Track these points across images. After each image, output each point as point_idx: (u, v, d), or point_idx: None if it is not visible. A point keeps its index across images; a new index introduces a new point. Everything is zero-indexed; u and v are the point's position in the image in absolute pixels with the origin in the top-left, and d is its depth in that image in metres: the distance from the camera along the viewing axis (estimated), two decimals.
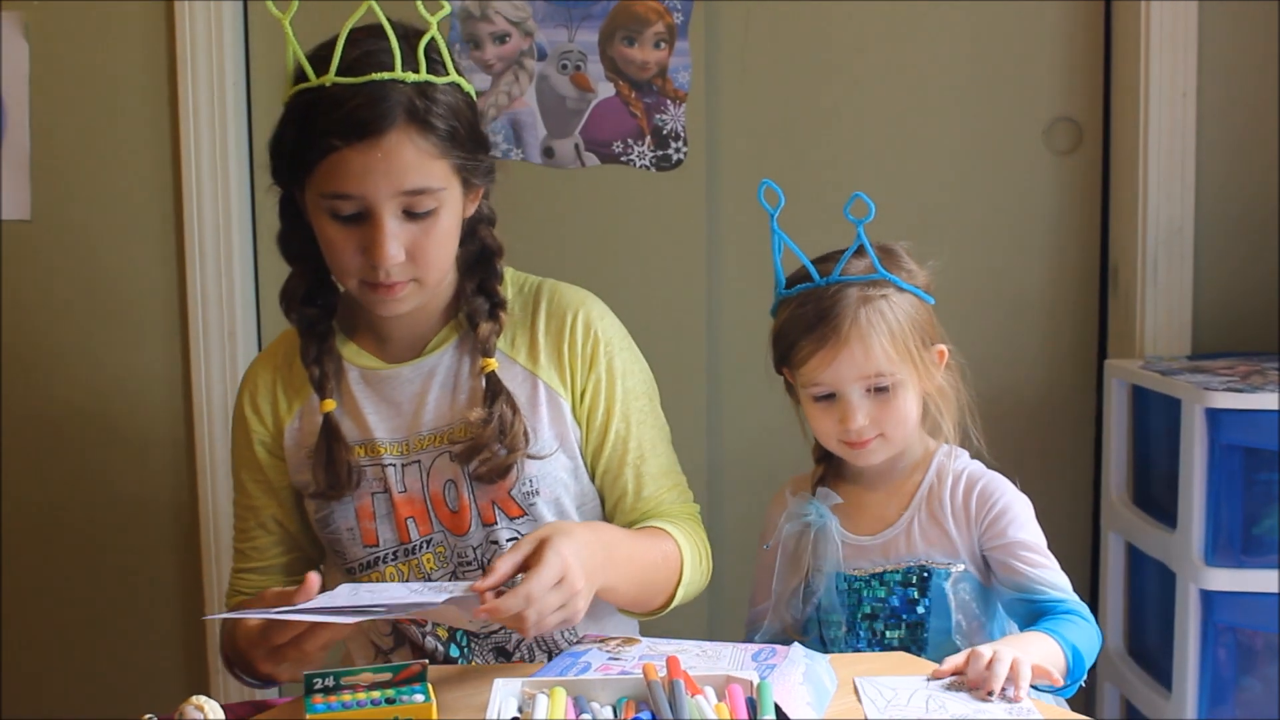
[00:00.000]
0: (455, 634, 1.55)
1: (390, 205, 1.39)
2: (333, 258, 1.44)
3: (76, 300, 2.30)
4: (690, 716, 1.12)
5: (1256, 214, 2.28)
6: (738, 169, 2.32)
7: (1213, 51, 2.23)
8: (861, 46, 2.31)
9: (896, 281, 1.51)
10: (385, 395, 1.53)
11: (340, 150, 1.36)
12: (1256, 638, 1.97)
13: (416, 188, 1.39)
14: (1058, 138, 2.34)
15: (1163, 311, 2.24)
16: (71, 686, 2.36)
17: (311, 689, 1.10)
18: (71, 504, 2.33)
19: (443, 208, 1.42)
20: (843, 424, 1.50)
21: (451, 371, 1.54)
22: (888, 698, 1.27)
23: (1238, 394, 1.88)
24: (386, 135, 1.37)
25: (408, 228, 1.40)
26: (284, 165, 1.45)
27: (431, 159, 1.40)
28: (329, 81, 1.37)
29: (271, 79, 2.28)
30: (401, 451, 1.53)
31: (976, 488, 1.51)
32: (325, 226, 1.42)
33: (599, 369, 1.55)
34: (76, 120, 2.26)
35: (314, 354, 1.52)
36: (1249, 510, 1.93)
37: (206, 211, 2.24)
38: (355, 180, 1.37)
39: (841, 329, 1.48)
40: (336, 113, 1.36)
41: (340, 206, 1.39)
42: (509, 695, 1.21)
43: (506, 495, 1.51)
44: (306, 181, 1.41)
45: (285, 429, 1.55)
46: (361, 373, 1.54)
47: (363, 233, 1.40)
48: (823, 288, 1.51)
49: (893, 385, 1.49)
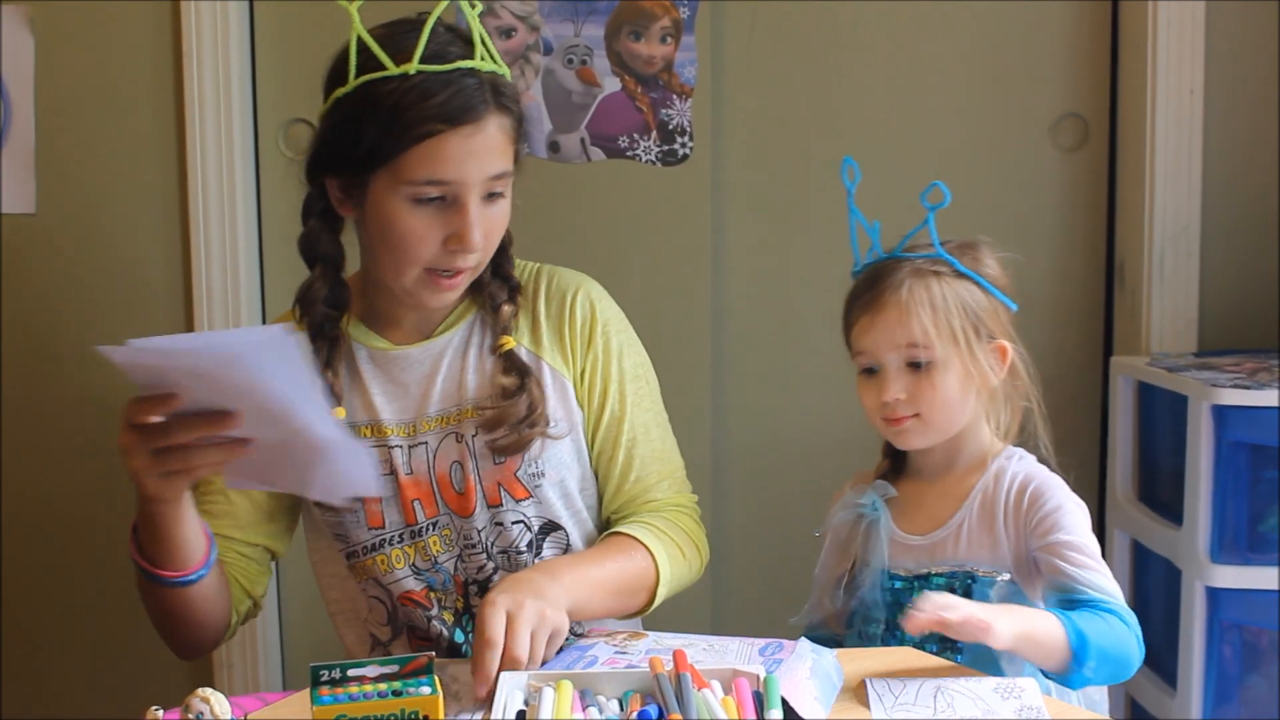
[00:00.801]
0: (461, 618, 1.56)
1: (478, 190, 1.42)
2: (404, 247, 1.43)
3: (80, 294, 2.30)
4: (697, 710, 1.12)
5: (1263, 211, 2.27)
6: (743, 164, 2.32)
7: (1219, 49, 2.23)
8: (867, 42, 2.30)
9: (954, 264, 1.51)
10: (393, 376, 1.55)
11: (439, 135, 1.39)
12: (1262, 635, 1.97)
13: (500, 172, 1.44)
14: (1064, 134, 2.33)
15: (1169, 308, 2.24)
16: (73, 680, 2.35)
17: (318, 681, 1.10)
18: (72, 497, 2.32)
19: (508, 190, 1.48)
20: (879, 396, 1.50)
21: (459, 353, 1.55)
22: (896, 693, 1.27)
23: (1244, 391, 1.88)
24: (485, 120, 1.41)
25: (484, 212, 1.44)
26: (352, 154, 1.43)
27: (510, 144, 1.45)
28: (413, 70, 1.39)
29: (277, 73, 2.28)
30: (407, 433, 1.53)
31: (1030, 487, 1.48)
32: (402, 215, 1.42)
33: (596, 347, 1.58)
34: (82, 114, 2.26)
35: (326, 357, 1.52)
36: (1255, 507, 1.93)
37: (212, 206, 2.23)
38: (453, 165, 1.40)
39: (883, 295, 1.49)
40: (433, 99, 1.38)
41: (428, 192, 1.41)
42: (515, 688, 1.21)
43: (513, 476, 1.53)
44: (384, 170, 1.41)
45: None
46: (370, 353, 1.55)
47: (445, 219, 1.42)
48: (883, 261, 1.53)
49: (931, 363, 1.48)
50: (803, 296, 2.34)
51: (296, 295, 1.55)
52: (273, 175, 2.30)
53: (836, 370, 2.31)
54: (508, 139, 1.45)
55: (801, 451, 2.33)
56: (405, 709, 1.07)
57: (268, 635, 2.31)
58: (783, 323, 2.35)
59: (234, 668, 2.28)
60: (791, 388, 2.35)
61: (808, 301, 2.34)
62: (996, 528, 1.47)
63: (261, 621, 2.29)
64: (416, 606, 1.55)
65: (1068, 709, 1.34)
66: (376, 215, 1.44)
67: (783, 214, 2.33)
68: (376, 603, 1.57)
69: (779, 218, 2.33)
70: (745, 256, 2.33)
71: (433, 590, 1.55)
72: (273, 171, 2.30)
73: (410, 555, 1.54)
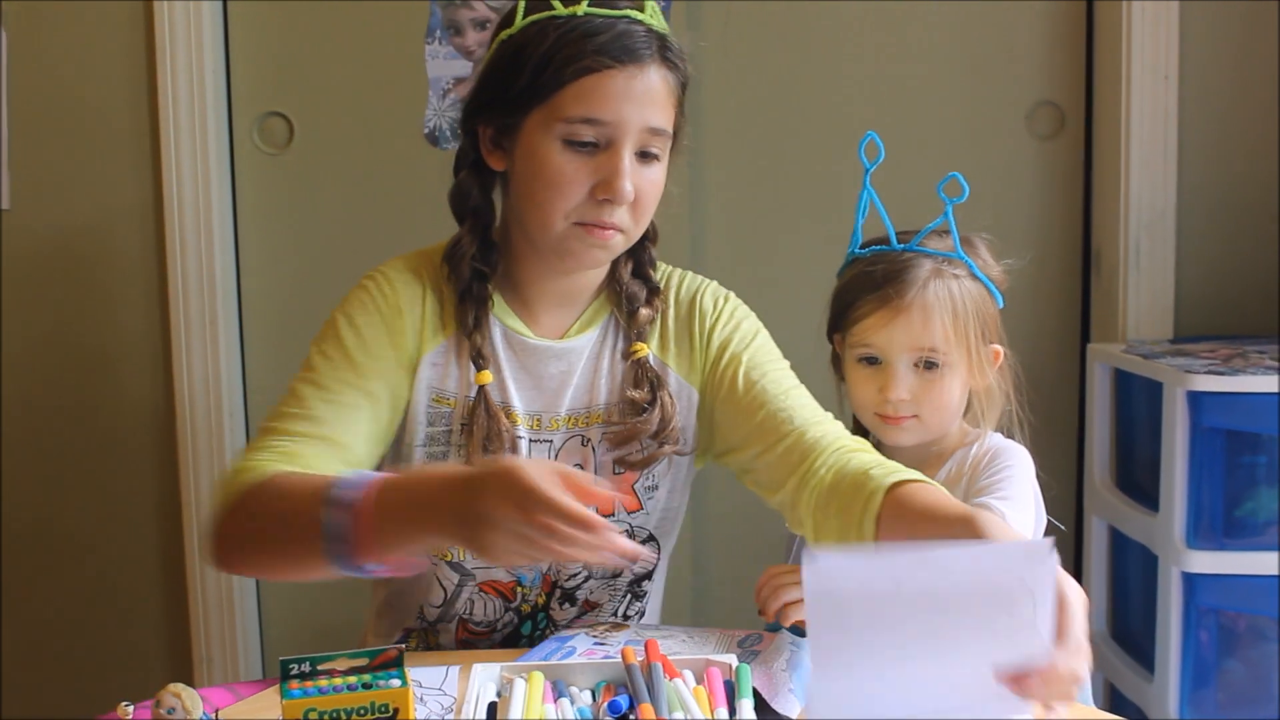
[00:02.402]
0: (535, 615, 1.51)
1: (633, 139, 1.37)
2: (553, 190, 1.37)
3: (55, 290, 2.29)
4: (668, 700, 1.12)
5: (1238, 198, 2.28)
6: (720, 155, 2.32)
7: (1194, 36, 2.24)
8: (843, 32, 2.30)
9: (972, 267, 1.50)
10: (526, 366, 1.48)
11: (603, 72, 1.35)
12: (1239, 620, 1.97)
13: (658, 126, 1.38)
14: (1040, 122, 2.34)
15: (1145, 295, 2.25)
16: (51, 676, 2.35)
17: (288, 674, 1.09)
18: (51, 493, 2.32)
19: (664, 157, 1.42)
20: (882, 393, 1.48)
21: (594, 356, 1.50)
22: None
23: (1219, 377, 1.88)
24: (647, 65, 1.37)
25: (637, 169, 1.38)
26: (508, 95, 1.39)
27: (671, 103, 1.40)
28: (581, 10, 1.37)
29: (252, 67, 2.27)
30: (532, 426, 1.48)
31: (992, 452, 1.48)
32: (554, 155, 1.37)
33: (715, 343, 1.52)
34: (55, 109, 2.25)
35: (473, 320, 1.45)
36: (1230, 493, 1.94)
37: (186, 200, 2.22)
38: (612, 104, 1.35)
39: (907, 294, 1.47)
40: (600, 36, 1.35)
41: (582, 132, 1.36)
42: (488, 680, 1.20)
43: (630, 488, 1.49)
44: (539, 109, 1.37)
45: (424, 358, 1.45)
46: (505, 332, 1.48)
47: (596, 165, 1.37)
48: (898, 252, 1.50)
49: (941, 365, 1.47)
50: (779, 290, 2.34)
51: (444, 252, 1.47)
52: (248, 170, 2.30)
53: (816, 363, 2.33)
54: (670, 95, 1.40)
55: None
56: (375, 701, 1.07)
57: (247, 631, 2.31)
58: (760, 308, 2.33)
59: (213, 662, 2.27)
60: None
61: (785, 295, 2.33)
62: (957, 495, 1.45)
63: (241, 617, 2.28)
64: (498, 596, 1.50)
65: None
66: (528, 159, 1.39)
67: (759, 207, 2.33)
68: (436, 584, 1.50)
69: (755, 204, 2.33)
70: (722, 250, 2.33)
71: (520, 585, 1.50)
72: (248, 166, 2.30)
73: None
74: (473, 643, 1.51)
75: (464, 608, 1.50)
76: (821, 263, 2.32)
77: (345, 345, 1.41)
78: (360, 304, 1.44)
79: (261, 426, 1.39)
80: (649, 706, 1.10)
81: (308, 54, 2.27)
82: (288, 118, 2.29)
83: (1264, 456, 1.93)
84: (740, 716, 1.11)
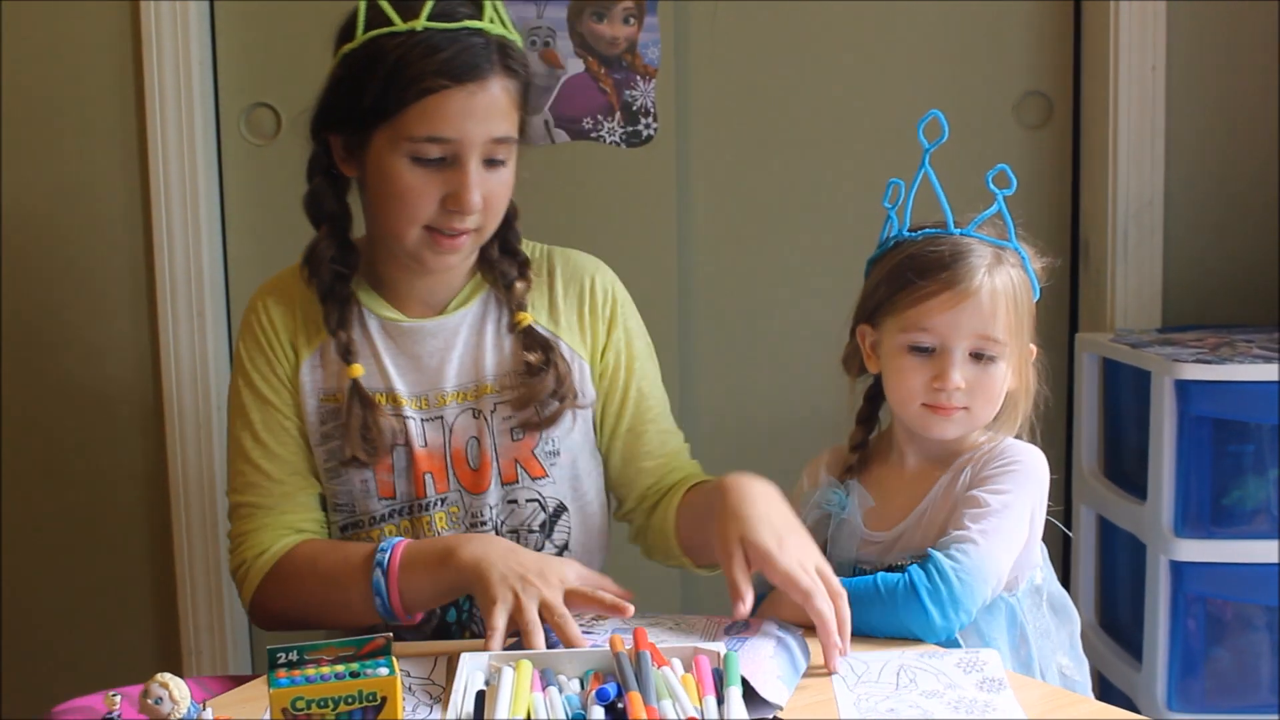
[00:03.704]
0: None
1: (478, 151, 1.42)
2: (403, 204, 1.43)
3: (43, 285, 2.27)
4: (655, 688, 1.12)
5: (1226, 187, 2.29)
6: (708, 145, 2.31)
7: (1182, 25, 2.24)
8: (831, 20, 2.30)
9: (1025, 260, 1.47)
10: (405, 349, 1.54)
11: (442, 92, 1.39)
12: (1226, 608, 1.98)
13: (502, 135, 1.44)
14: (1028, 112, 2.34)
15: (1133, 285, 2.25)
16: (38, 669, 2.34)
17: (275, 663, 1.09)
18: (38, 488, 2.31)
19: (510, 159, 1.47)
20: (937, 380, 1.42)
21: (475, 329, 1.55)
22: (859, 672, 1.27)
23: (1207, 365, 1.89)
24: (489, 80, 1.41)
25: (484, 176, 1.44)
26: (354, 110, 1.44)
27: (514, 109, 1.45)
28: (420, 26, 1.39)
29: (239, 58, 2.26)
30: (421, 406, 1.53)
31: (1001, 446, 1.45)
32: (402, 172, 1.42)
33: (618, 330, 1.60)
34: (42, 100, 2.23)
35: (337, 319, 1.51)
36: (1218, 481, 1.94)
37: (174, 192, 2.21)
38: (455, 122, 1.40)
39: (975, 277, 1.41)
40: (438, 55, 1.39)
41: (428, 150, 1.41)
42: (476, 669, 1.20)
43: (530, 454, 1.54)
44: (385, 126, 1.42)
45: (302, 365, 1.54)
46: (381, 323, 1.55)
47: (444, 178, 1.42)
48: (957, 236, 1.45)
49: (996, 357, 1.43)
50: (768, 278, 2.34)
51: (303, 255, 1.54)
52: (235, 161, 2.29)
53: (805, 349, 2.34)
54: (512, 103, 1.45)
55: (768, 431, 2.34)
56: (363, 689, 1.06)
57: (236, 623, 2.30)
58: (748, 304, 2.35)
59: (201, 654, 2.27)
60: (758, 369, 2.36)
61: (773, 283, 2.34)
62: (954, 494, 1.44)
63: (229, 610, 2.28)
64: None
65: (1035, 684, 1.34)
66: (377, 173, 1.44)
67: (747, 195, 2.33)
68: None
69: (744, 199, 2.33)
70: (710, 237, 2.33)
71: None
72: (235, 157, 2.29)
73: (414, 529, 1.53)
74: (408, 636, 1.51)
75: None
76: (810, 253, 2.33)
77: (254, 384, 1.53)
78: (246, 344, 1.56)
79: (232, 501, 1.55)
80: (637, 695, 1.10)
81: (295, 44, 2.26)
82: (275, 109, 2.28)
83: (1251, 445, 1.94)
84: (728, 704, 1.11)
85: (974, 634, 1.41)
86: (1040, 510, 1.47)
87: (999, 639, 1.42)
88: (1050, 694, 1.30)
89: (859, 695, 1.22)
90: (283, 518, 1.52)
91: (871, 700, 1.21)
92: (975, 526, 1.38)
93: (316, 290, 1.52)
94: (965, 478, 1.45)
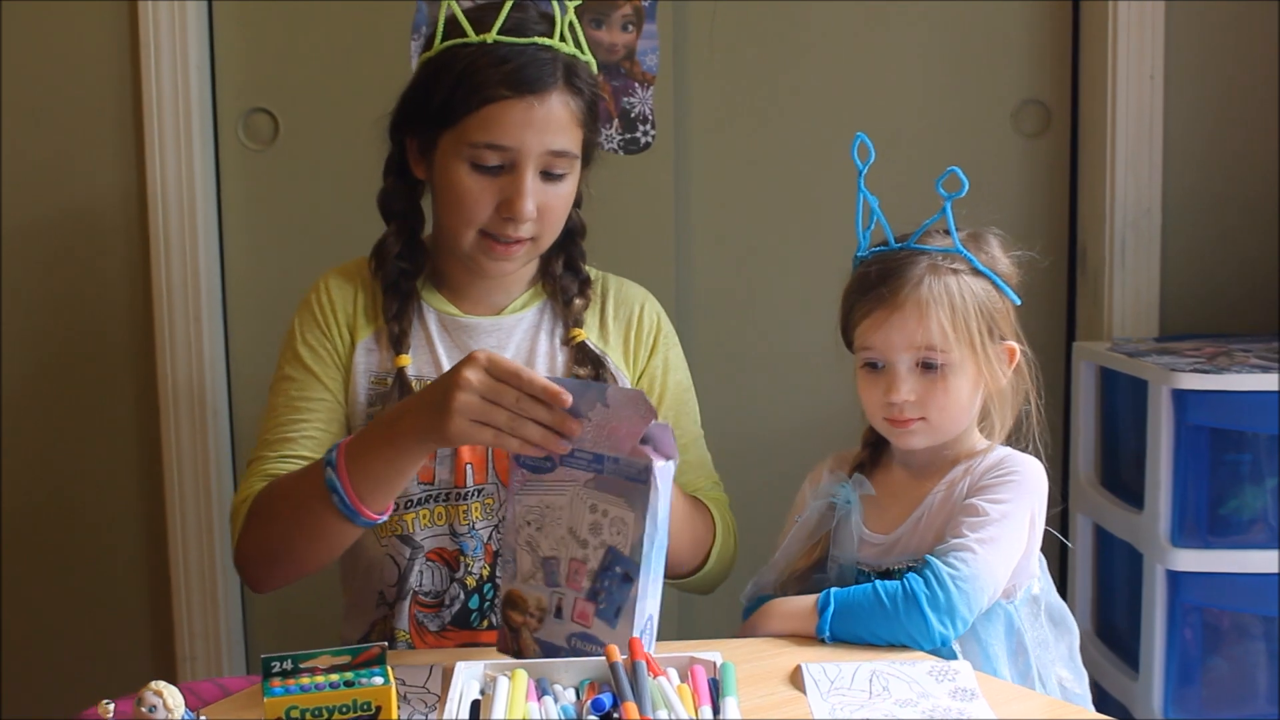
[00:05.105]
0: (481, 587, 1.57)
1: (535, 162, 1.48)
2: (461, 207, 1.50)
3: (40, 285, 2.27)
4: (651, 698, 1.12)
5: (1223, 196, 2.29)
6: (706, 152, 2.31)
7: (1180, 34, 2.24)
8: (829, 28, 2.30)
9: (973, 261, 1.46)
10: (460, 343, 1.59)
11: (503, 101, 1.46)
12: (1223, 618, 1.98)
13: (561, 149, 1.49)
14: (1026, 120, 2.34)
15: (1130, 294, 2.25)
16: (33, 674, 2.34)
17: (269, 672, 1.09)
18: (33, 490, 2.31)
19: (571, 174, 1.53)
20: (886, 395, 1.45)
21: (529, 336, 1.61)
22: (831, 677, 1.27)
23: (1204, 375, 1.89)
24: (549, 93, 1.47)
25: (541, 187, 1.49)
26: (425, 114, 1.51)
27: (576, 126, 1.51)
28: (491, 39, 1.47)
29: (237, 62, 2.26)
30: None
31: (1003, 458, 1.45)
32: (462, 176, 1.49)
33: (658, 358, 1.66)
34: (40, 104, 2.23)
35: (395, 310, 1.57)
36: (1215, 491, 1.94)
37: (171, 196, 2.21)
38: (513, 132, 1.46)
39: (900, 292, 1.43)
40: (504, 66, 1.46)
41: (487, 156, 1.47)
42: (471, 678, 1.20)
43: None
44: (450, 131, 1.48)
45: (358, 345, 1.58)
46: (439, 316, 1.60)
47: (501, 185, 1.48)
48: (895, 251, 1.47)
49: (944, 365, 1.43)
50: (766, 285, 2.34)
51: (372, 250, 1.61)
52: (232, 166, 2.29)
53: (801, 357, 2.33)
54: (574, 119, 1.50)
55: (766, 439, 2.33)
56: (357, 699, 1.06)
57: (231, 629, 2.30)
58: (746, 311, 2.35)
59: (196, 660, 2.26)
60: (756, 375, 2.35)
61: (771, 290, 2.34)
62: (951, 501, 1.44)
63: (224, 615, 2.28)
64: (444, 564, 1.56)
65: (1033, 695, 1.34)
66: (441, 176, 1.51)
67: (745, 202, 2.33)
68: (390, 562, 1.57)
69: (741, 206, 2.33)
70: (708, 245, 2.33)
71: (464, 555, 1.56)
72: (233, 162, 2.29)
73: (449, 516, 1.55)
74: (424, 620, 1.56)
75: (415, 580, 1.57)
76: (807, 261, 2.33)
77: (301, 357, 1.57)
78: (303, 316, 1.60)
79: (251, 456, 1.56)
80: (633, 705, 1.10)
81: (293, 50, 2.26)
82: (273, 114, 2.28)
83: (1248, 454, 1.94)
84: (724, 715, 1.11)
85: (972, 640, 1.41)
86: (1039, 520, 1.47)
87: (996, 646, 1.42)
88: (1048, 704, 1.30)
89: (833, 704, 1.22)
90: (265, 468, 1.53)
91: (846, 710, 1.21)
92: (974, 535, 1.39)
93: (380, 282, 1.59)
94: (963, 486, 1.45)
